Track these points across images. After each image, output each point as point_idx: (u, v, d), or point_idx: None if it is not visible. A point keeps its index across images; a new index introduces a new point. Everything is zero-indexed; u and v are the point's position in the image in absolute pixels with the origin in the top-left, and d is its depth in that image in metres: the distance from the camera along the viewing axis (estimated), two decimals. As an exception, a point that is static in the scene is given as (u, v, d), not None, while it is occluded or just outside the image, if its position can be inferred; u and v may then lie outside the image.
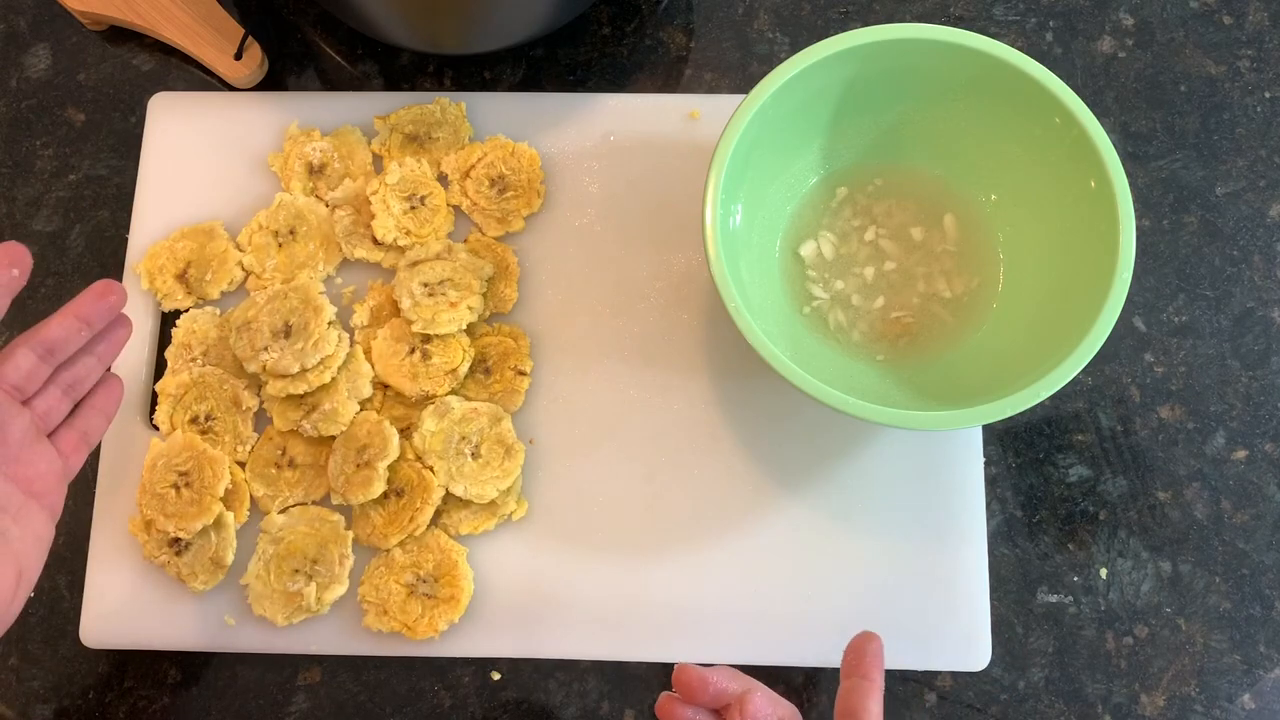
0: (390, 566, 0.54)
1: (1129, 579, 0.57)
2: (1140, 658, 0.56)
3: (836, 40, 0.52)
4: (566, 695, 0.55)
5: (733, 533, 0.56)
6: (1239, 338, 0.60)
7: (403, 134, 0.61)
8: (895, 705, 0.55)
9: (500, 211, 0.60)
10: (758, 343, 0.48)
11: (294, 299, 0.56)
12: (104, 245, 0.62)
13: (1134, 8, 0.66)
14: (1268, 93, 0.64)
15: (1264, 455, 0.59)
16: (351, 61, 0.66)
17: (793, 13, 0.66)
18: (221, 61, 0.63)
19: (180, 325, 0.58)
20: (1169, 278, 0.61)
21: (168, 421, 0.57)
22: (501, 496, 0.55)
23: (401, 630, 0.54)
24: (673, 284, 0.60)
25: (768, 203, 0.58)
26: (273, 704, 0.55)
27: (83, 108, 0.65)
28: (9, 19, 0.67)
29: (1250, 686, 0.55)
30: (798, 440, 0.57)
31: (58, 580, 0.57)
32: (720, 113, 0.60)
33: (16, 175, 0.64)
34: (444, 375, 0.56)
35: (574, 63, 0.65)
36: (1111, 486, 0.58)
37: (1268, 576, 0.57)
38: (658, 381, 0.58)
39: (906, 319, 0.57)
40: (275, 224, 0.60)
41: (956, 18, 0.66)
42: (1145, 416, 0.59)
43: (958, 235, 0.58)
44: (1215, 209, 0.62)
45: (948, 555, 0.56)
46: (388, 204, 0.59)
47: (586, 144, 0.62)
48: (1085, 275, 0.51)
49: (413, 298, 0.56)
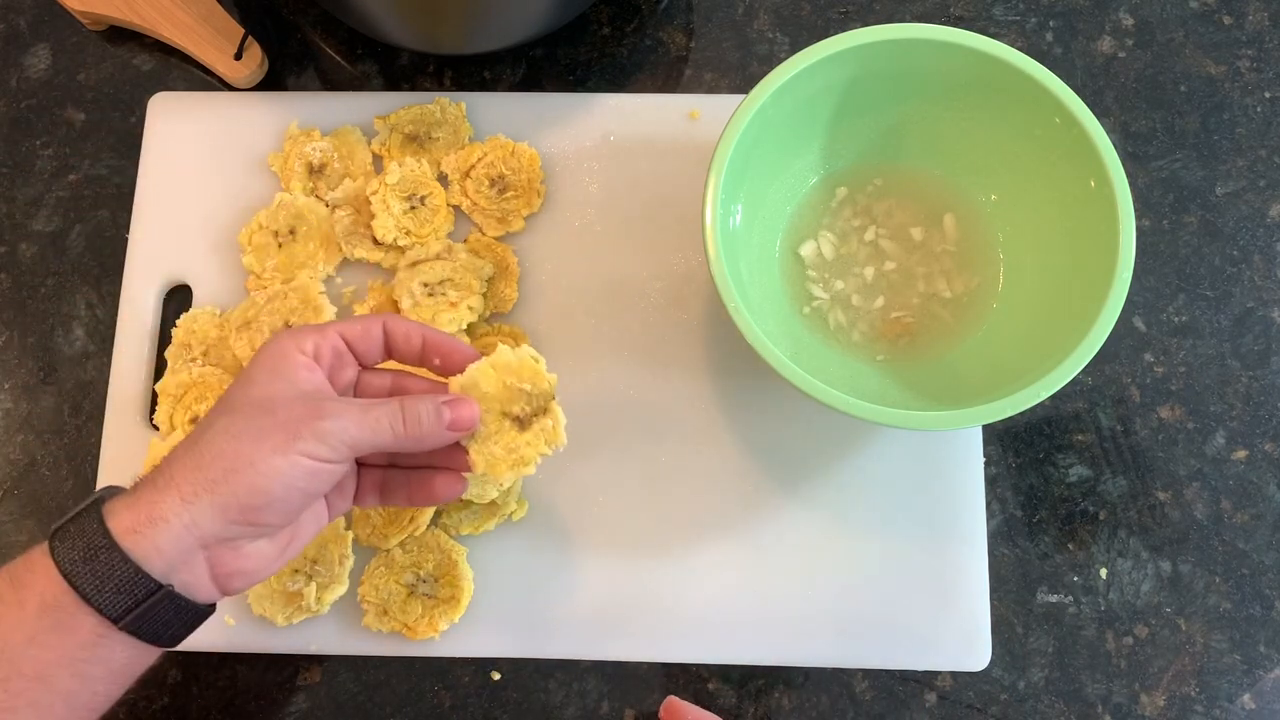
0: (390, 566, 0.54)
1: (1129, 579, 0.57)
2: (1140, 658, 0.56)
3: (836, 40, 0.52)
4: (566, 695, 0.55)
5: (733, 533, 0.56)
6: (1239, 338, 0.60)
7: (403, 134, 0.61)
8: (895, 705, 0.55)
9: (500, 211, 0.60)
10: (757, 343, 0.48)
11: (294, 299, 0.56)
12: (104, 245, 0.62)
13: (1134, 8, 0.66)
14: (1268, 93, 0.64)
15: (1264, 455, 0.59)
16: (351, 61, 0.66)
17: (793, 13, 0.66)
18: (221, 61, 0.63)
19: (180, 325, 0.58)
20: (1169, 278, 0.61)
21: (168, 421, 0.57)
22: (501, 496, 0.55)
23: (401, 630, 0.54)
24: (673, 284, 0.60)
25: (768, 203, 0.58)
26: (273, 704, 0.55)
27: (83, 108, 0.65)
28: (9, 19, 0.67)
29: (1250, 686, 0.55)
30: (798, 440, 0.57)
31: (58, 580, 0.57)
32: (720, 113, 0.60)
33: (16, 175, 0.64)
34: (444, 375, 0.56)
35: (574, 63, 0.65)
36: (1111, 486, 0.58)
37: (1268, 576, 0.57)
38: (658, 382, 0.58)
39: (906, 319, 0.57)
40: (275, 224, 0.60)
41: (956, 18, 0.66)
42: (1145, 416, 0.59)
43: (958, 235, 0.58)
44: (1215, 209, 0.62)
45: (948, 555, 0.56)
46: (388, 204, 0.59)
47: (586, 144, 0.62)
48: (1085, 275, 0.51)
49: (413, 298, 0.56)
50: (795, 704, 0.55)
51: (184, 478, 0.40)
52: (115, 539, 0.38)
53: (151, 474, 0.41)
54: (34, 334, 0.61)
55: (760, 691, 0.55)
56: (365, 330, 0.46)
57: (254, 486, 0.40)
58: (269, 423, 0.41)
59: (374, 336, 0.46)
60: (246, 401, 0.42)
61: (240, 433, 0.40)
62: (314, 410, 0.41)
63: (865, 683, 0.55)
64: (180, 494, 0.39)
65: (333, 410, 0.42)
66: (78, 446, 0.59)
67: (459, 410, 0.45)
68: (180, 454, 0.41)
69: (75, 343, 0.61)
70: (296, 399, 0.42)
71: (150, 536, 0.39)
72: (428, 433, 0.44)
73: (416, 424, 0.44)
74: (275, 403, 0.42)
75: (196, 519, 0.39)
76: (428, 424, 0.44)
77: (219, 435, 0.41)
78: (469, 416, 0.45)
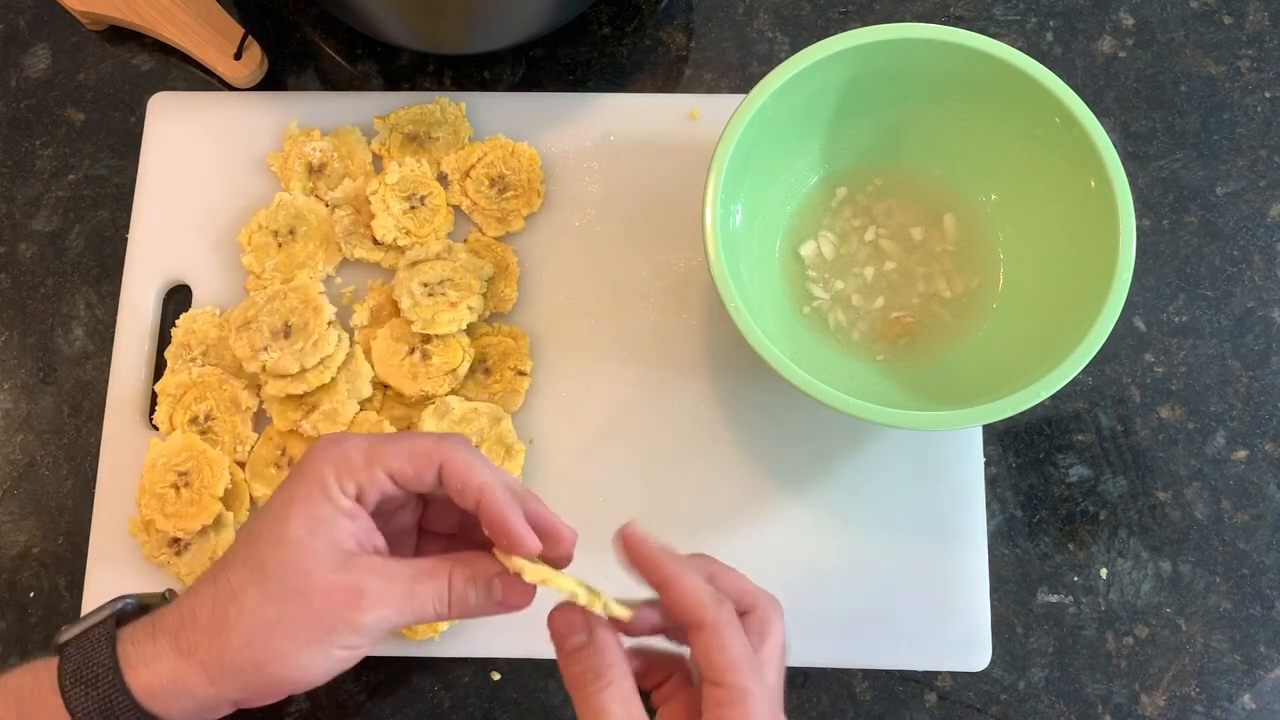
0: (390, 566, 0.54)
1: (1129, 579, 0.57)
2: (1140, 658, 0.56)
3: (836, 40, 0.52)
4: (566, 695, 0.55)
5: (733, 533, 0.56)
6: (1239, 338, 0.60)
7: (402, 134, 0.61)
8: (895, 705, 0.55)
9: (500, 211, 0.60)
10: (758, 342, 0.48)
11: (294, 299, 0.56)
12: (104, 245, 0.62)
13: (1134, 7, 0.66)
14: (1268, 92, 0.64)
15: (1264, 455, 0.58)
16: (351, 61, 0.66)
17: (793, 13, 0.66)
18: (221, 61, 0.63)
19: (180, 325, 0.58)
20: (1169, 278, 0.61)
21: (167, 421, 0.57)
22: (501, 496, 0.55)
23: (401, 630, 0.54)
24: (673, 284, 0.60)
25: (768, 203, 0.58)
26: (273, 704, 0.55)
27: (82, 108, 0.65)
28: (9, 19, 0.67)
29: (1250, 687, 0.55)
30: (798, 440, 0.57)
31: (58, 580, 0.57)
32: (720, 113, 0.60)
33: (16, 175, 0.64)
34: (444, 375, 0.56)
35: (574, 63, 0.65)
36: (1111, 486, 0.58)
37: (1268, 576, 0.57)
38: (658, 381, 0.58)
39: (906, 319, 0.57)
40: (275, 224, 0.60)
41: (956, 18, 0.66)
42: (1145, 416, 0.59)
43: (958, 235, 0.58)
44: (1215, 209, 0.62)
45: (948, 555, 0.55)
46: (387, 204, 0.59)
47: (586, 144, 0.62)
48: (1085, 275, 0.51)
49: (413, 298, 0.56)
50: (795, 704, 0.55)
51: (208, 653, 0.38)
52: (135, 698, 0.37)
53: (171, 621, 0.39)
54: (33, 334, 0.61)
55: (760, 691, 0.55)
56: (417, 475, 0.40)
57: (282, 678, 0.38)
58: (305, 614, 0.38)
59: (427, 481, 0.40)
60: (279, 566, 0.38)
61: (272, 624, 0.38)
62: (354, 599, 0.38)
63: (865, 683, 0.55)
64: (206, 671, 0.38)
65: (374, 599, 0.38)
66: (77, 446, 0.59)
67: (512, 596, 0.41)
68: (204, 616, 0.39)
69: (75, 343, 0.61)
70: (335, 573, 0.38)
71: (175, 702, 0.38)
72: (478, 611, 0.41)
73: (463, 608, 0.40)
74: (312, 579, 0.38)
75: (221, 693, 0.38)
76: (477, 605, 0.40)
77: (248, 618, 0.38)
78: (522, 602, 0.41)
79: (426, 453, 0.40)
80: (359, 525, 0.40)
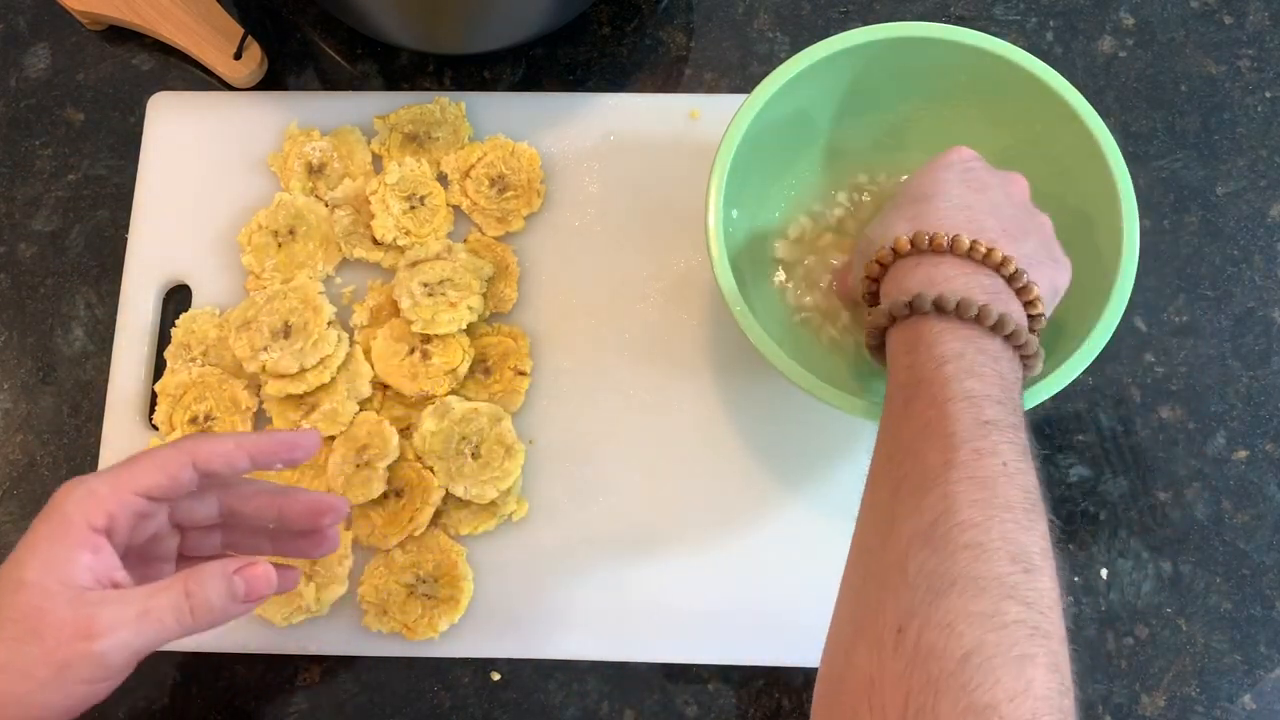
0: (390, 567, 0.54)
1: (1129, 579, 0.57)
2: (1141, 658, 0.56)
3: (837, 40, 0.52)
4: (566, 695, 0.55)
5: (732, 533, 0.56)
6: (1239, 338, 0.60)
7: (402, 134, 0.61)
8: (895, 705, 0.55)
9: (500, 211, 0.60)
10: (759, 341, 0.48)
11: (293, 299, 0.56)
12: (103, 245, 0.62)
13: (1134, 7, 0.66)
14: (1268, 92, 0.64)
15: (1264, 455, 0.58)
16: (351, 61, 0.66)
17: (793, 13, 0.66)
18: (221, 61, 0.63)
19: (180, 325, 0.58)
20: (1169, 278, 0.61)
21: (167, 421, 0.57)
22: (501, 497, 0.55)
23: (401, 630, 0.54)
24: (673, 284, 0.60)
25: (769, 203, 0.58)
26: (272, 705, 0.55)
27: (82, 107, 0.65)
28: (9, 19, 0.67)
29: (1251, 687, 0.55)
30: (798, 440, 0.57)
31: (57, 580, 0.57)
32: (720, 113, 0.60)
33: (16, 175, 0.64)
34: (444, 375, 0.56)
35: (574, 62, 0.65)
36: (1112, 486, 0.58)
37: (1268, 577, 0.57)
38: (658, 381, 0.58)
39: (907, 319, 0.57)
40: (275, 224, 0.59)
41: (957, 17, 0.66)
42: (1145, 416, 0.59)
43: (958, 235, 0.58)
44: (1216, 209, 0.62)
45: (948, 555, 0.55)
46: (387, 204, 0.59)
47: (586, 144, 0.62)
48: (1086, 275, 0.51)
49: (412, 298, 0.56)
50: (795, 704, 0.55)
51: None
52: None
53: None
54: (33, 334, 0.61)
55: (760, 692, 0.55)
56: (173, 480, 0.40)
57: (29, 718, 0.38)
58: (38, 652, 0.37)
59: (184, 482, 0.41)
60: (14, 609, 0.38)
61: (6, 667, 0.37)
62: (85, 628, 0.37)
63: (865, 683, 0.55)
64: None
65: (106, 625, 0.37)
66: (77, 446, 0.59)
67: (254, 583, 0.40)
68: None
69: (74, 343, 0.61)
70: (67, 608, 0.38)
71: None
72: (222, 615, 0.40)
73: (207, 612, 0.39)
74: (44, 617, 0.37)
75: None
76: (220, 605, 0.40)
77: None
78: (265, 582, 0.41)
79: (174, 456, 0.41)
80: (100, 560, 0.39)
